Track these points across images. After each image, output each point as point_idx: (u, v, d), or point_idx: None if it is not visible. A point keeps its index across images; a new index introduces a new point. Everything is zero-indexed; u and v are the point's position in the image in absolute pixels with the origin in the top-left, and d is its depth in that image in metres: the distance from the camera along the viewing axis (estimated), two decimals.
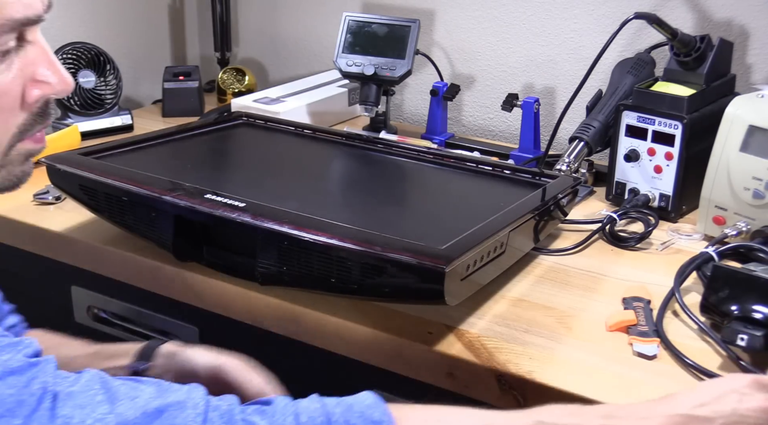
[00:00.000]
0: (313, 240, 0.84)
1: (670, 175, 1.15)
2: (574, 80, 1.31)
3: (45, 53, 0.65)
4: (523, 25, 1.51)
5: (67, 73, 0.66)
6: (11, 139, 0.64)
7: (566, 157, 1.20)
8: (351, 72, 1.43)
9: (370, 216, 0.99)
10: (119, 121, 1.53)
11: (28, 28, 0.63)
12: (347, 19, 1.45)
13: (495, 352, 0.83)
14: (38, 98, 0.64)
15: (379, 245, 0.82)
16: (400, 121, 1.70)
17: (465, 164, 1.16)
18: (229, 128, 1.30)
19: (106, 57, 1.52)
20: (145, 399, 0.56)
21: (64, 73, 0.66)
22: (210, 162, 1.21)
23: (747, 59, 1.33)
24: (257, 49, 1.86)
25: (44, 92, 0.65)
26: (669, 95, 1.14)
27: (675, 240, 1.10)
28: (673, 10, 1.36)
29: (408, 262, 0.80)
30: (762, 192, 1.01)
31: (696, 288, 0.96)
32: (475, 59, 1.58)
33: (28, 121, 0.65)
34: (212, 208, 0.90)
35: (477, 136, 1.60)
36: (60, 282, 1.15)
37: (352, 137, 1.27)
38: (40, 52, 0.64)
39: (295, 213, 0.89)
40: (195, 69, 1.68)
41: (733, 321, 0.81)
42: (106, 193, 1.00)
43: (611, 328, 0.88)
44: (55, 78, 0.65)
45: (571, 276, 1.00)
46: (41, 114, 0.66)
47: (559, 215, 1.07)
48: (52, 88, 0.65)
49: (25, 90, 0.63)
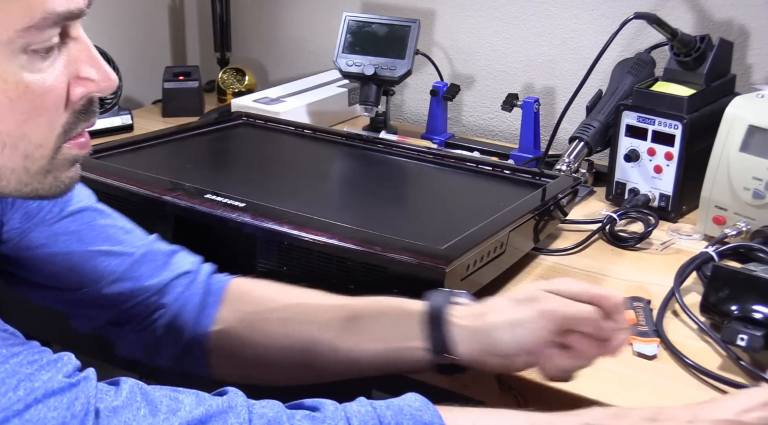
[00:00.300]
0: (313, 240, 0.85)
1: (670, 175, 1.15)
2: (574, 80, 1.31)
3: (88, 49, 0.63)
4: (523, 25, 1.51)
5: (110, 69, 0.64)
6: (57, 139, 0.62)
7: (566, 157, 1.20)
8: (351, 72, 1.43)
9: (370, 217, 0.99)
10: (119, 121, 1.53)
11: (71, 22, 0.61)
12: (347, 19, 1.45)
13: None
14: (82, 96, 0.63)
15: (379, 245, 0.82)
16: (400, 121, 1.70)
17: (465, 164, 1.16)
18: (229, 128, 1.30)
19: (106, 57, 1.52)
20: (187, 410, 0.56)
21: (107, 70, 0.63)
22: (210, 162, 1.21)
23: (747, 59, 1.33)
24: (257, 49, 1.86)
25: (88, 90, 0.63)
26: (669, 95, 1.14)
27: (675, 240, 1.10)
28: (673, 10, 1.36)
29: (408, 262, 0.80)
30: (762, 192, 1.01)
31: (696, 288, 0.95)
32: (475, 59, 1.58)
33: (72, 119, 0.63)
34: (212, 208, 0.90)
35: (477, 136, 1.60)
36: None
37: (352, 137, 1.27)
38: (83, 47, 0.62)
39: (295, 213, 0.89)
40: (195, 69, 1.68)
41: (733, 321, 0.81)
42: (106, 192, 1.00)
43: None
44: (99, 75, 0.63)
45: (571, 276, 1.00)
46: (85, 112, 0.64)
47: (559, 215, 1.07)
48: (97, 85, 0.63)
49: (69, 88, 0.62)
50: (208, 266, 0.85)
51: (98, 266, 0.79)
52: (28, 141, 0.60)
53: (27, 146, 0.60)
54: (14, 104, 0.58)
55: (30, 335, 0.58)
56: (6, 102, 0.57)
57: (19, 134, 0.59)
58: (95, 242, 0.80)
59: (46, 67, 0.59)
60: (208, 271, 0.84)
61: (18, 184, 0.61)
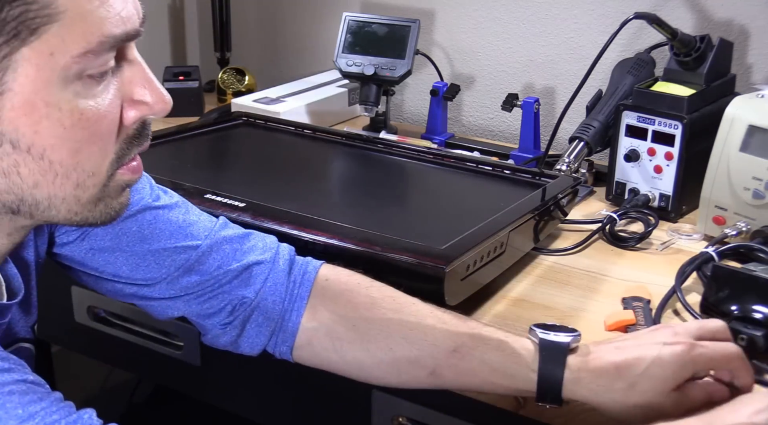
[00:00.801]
0: (313, 241, 0.85)
1: (670, 175, 1.15)
2: (574, 80, 1.31)
3: (143, 70, 0.60)
4: (523, 25, 1.51)
5: (164, 90, 0.61)
6: (110, 167, 0.59)
7: (566, 157, 1.20)
8: (351, 72, 1.43)
9: (370, 217, 0.99)
10: None
11: (127, 44, 0.58)
12: (347, 19, 1.45)
13: None
14: (135, 120, 0.60)
15: (379, 245, 0.82)
16: (400, 121, 1.70)
17: (465, 164, 1.16)
18: (229, 128, 1.30)
19: None
20: None
21: (162, 91, 0.60)
22: (210, 162, 1.21)
23: (747, 59, 1.33)
24: (257, 49, 1.86)
25: (142, 113, 0.60)
26: (669, 95, 1.14)
27: (675, 240, 1.10)
28: (673, 10, 1.36)
29: (408, 262, 0.80)
30: (762, 192, 1.01)
31: (696, 288, 0.95)
32: (475, 59, 1.58)
33: (125, 145, 0.60)
34: (212, 208, 0.90)
35: (477, 136, 1.60)
36: (60, 282, 1.15)
37: (352, 137, 1.27)
38: (137, 69, 0.59)
39: (295, 213, 0.89)
40: (195, 69, 1.68)
41: (733, 321, 0.81)
42: None
43: (610, 328, 0.88)
44: (152, 97, 0.60)
45: (571, 276, 1.00)
46: (138, 136, 0.61)
47: (559, 215, 1.07)
48: (150, 108, 0.60)
49: (122, 112, 0.59)
50: (286, 249, 0.82)
51: (165, 262, 0.78)
52: (81, 170, 0.57)
53: (79, 175, 0.58)
54: (68, 133, 0.55)
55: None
56: (60, 131, 0.55)
57: (73, 163, 0.57)
58: (159, 240, 0.77)
59: (100, 92, 0.57)
60: (287, 257, 0.81)
61: (68, 213, 0.59)
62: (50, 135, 0.55)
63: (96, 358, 1.28)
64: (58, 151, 0.55)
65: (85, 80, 0.55)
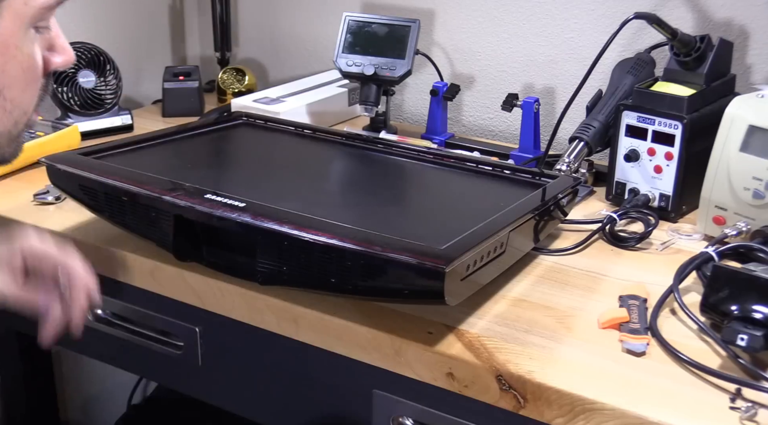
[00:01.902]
0: (313, 240, 0.84)
1: (670, 175, 1.15)
2: (574, 80, 1.31)
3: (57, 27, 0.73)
4: (523, 25, 1.51)
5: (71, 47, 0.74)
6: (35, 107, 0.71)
7: (566, 157, 1.20)
8: (351, 72, 1.43)
9: (370, 217, 0.99)
10: (119, 121, 1.53)
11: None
12: (347, 19, 1.45)
13: (495, 352, 0.83)
14: (56, 67, 0.72)
15: (379, 245, 0.82)
16: (400, 121, 1.70)
17: (465, 164, 1.16)
18: (229, 128, 1.30)
19: (106, 57, 1.52)
20: None
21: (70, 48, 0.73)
22: (210, 162, 1.21)
23: (747, 59, 1.33)
24: (257, 49, 1.86)
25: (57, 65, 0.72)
26: (669, 95, 1.14)
27: (675, 240, 1.10)
28: (673, 10, 1.36)
29: (408, 262, 0.80)
30: (762, 192, 1.01)
31: (696, 288, 0.96)
32: (475, 59, 1.58)
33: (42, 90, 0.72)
34: (212, 208, 0.90)
35: (477, 136, 1.60)
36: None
37: (352, 137, 1.27)
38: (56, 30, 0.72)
39: (295, 213, 0.89)
40: (195, 69, 1.68)
41: (733, 321, 0.81)
42: (106, 193, 1.00)
43: (603, 325, 0.88)
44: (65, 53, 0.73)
45: (571, 277, 1.00)
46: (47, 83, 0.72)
47: (559, 215, 1.07)
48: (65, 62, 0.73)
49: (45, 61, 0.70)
50: None
51: None
52: (21, 109, 0.67)
53: (19, 113, 0.67)
54: (23, 74, 0.65)
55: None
56: (19, 72, 0.65)
57: (18, 101, 0.67)
58: None
59: (39, 44, 0.68)
60: None
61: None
62: (11, 74, 0.65)
63: (96, 358, 1.28)
64: (14, 89, 0.65)
65: (36, 31, 0.67)
